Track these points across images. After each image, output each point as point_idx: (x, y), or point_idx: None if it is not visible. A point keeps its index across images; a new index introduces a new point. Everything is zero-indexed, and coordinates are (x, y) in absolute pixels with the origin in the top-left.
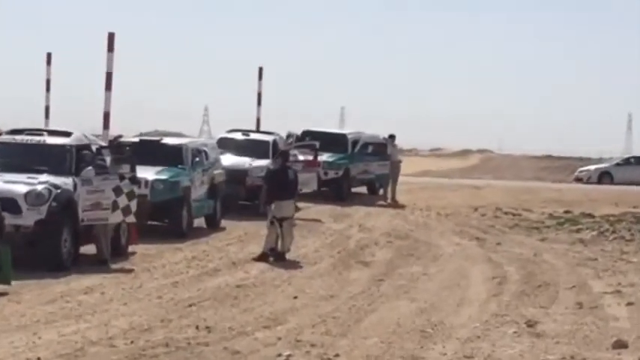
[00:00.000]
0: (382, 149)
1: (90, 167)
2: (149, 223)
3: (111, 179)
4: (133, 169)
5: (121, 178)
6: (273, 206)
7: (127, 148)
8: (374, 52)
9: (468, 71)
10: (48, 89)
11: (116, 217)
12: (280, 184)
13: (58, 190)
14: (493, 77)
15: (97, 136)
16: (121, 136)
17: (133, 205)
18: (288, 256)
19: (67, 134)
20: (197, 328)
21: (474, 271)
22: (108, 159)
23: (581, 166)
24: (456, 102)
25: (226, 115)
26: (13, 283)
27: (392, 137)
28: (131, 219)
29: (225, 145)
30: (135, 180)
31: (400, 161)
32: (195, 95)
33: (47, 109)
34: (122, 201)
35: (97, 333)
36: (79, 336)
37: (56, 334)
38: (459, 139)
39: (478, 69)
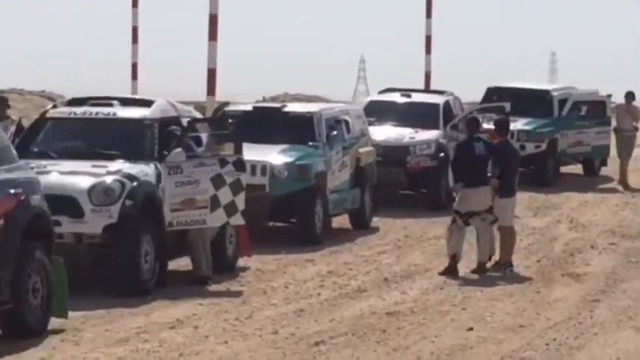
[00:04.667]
0: (601, 111)
1: (179, 149)
2: (269, 225)
3: (208, 165)
4: (239, 150)
5: (223, 163)
6: (456, 196)
7: (231, 121)
8: None
9: None
10: (135, 41)
11: (217, 219)
12: (467, 164)
13: (135, 183)
14: None
15: (189, 104)
16: (227, 104)
17: (240, 200)
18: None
19: (147, 103)
20: None
21: None
22: (204, 137)
23: None
24: None
25: (389, 71)
26: (72, 315)
27: (609, 97)
28: (238, 220)
29: (377, 111)
30: (241, 165)
31: (636, 129)
32: (348, 42)
33: (134, 66)
34: (225, 195)
35: None
36: None
37: None
38: None
39: None
